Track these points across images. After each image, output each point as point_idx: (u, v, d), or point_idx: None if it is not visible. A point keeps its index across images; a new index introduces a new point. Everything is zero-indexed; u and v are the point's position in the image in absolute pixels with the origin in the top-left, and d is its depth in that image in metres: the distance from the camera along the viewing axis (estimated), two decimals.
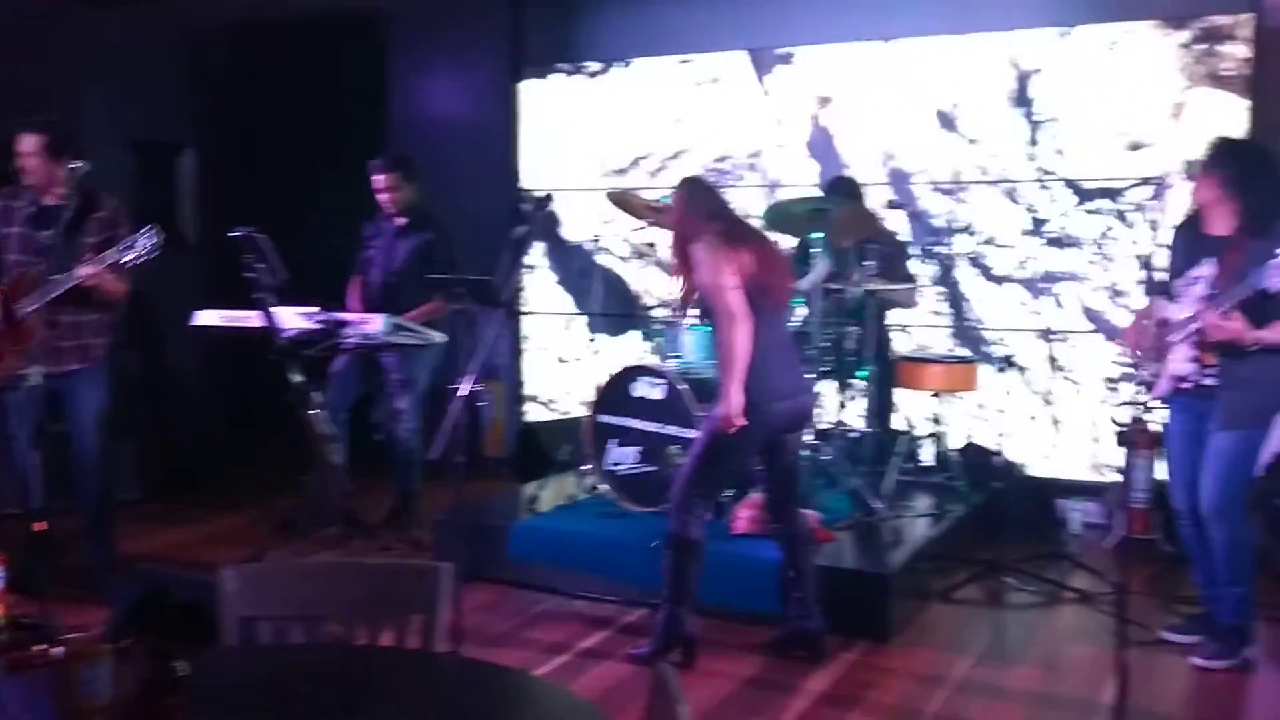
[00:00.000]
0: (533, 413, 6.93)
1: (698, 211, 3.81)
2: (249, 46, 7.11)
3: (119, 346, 5.33)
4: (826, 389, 5.23)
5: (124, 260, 4.10)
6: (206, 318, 4.91)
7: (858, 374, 5.06)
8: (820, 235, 4.77)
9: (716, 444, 3.71)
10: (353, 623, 2.26)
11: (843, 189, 5.32)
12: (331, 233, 5.71)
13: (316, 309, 4.75)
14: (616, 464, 4.89)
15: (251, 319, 4.65)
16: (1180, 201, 3.91)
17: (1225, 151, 3.72)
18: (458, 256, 5.19)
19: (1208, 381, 3.70)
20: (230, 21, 7.04)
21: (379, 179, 5.22)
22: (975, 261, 5.48)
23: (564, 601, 4.44)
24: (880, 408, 5.32)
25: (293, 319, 4.71)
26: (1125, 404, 5.15)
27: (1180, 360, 3.70)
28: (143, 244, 4.09)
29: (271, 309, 4.55)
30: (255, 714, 1.84)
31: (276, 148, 7.11)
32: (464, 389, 3.38)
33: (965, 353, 5.69)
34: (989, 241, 5.74)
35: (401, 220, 5.29)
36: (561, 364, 6.87)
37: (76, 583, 4.41)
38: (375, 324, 4.70)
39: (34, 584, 3.88)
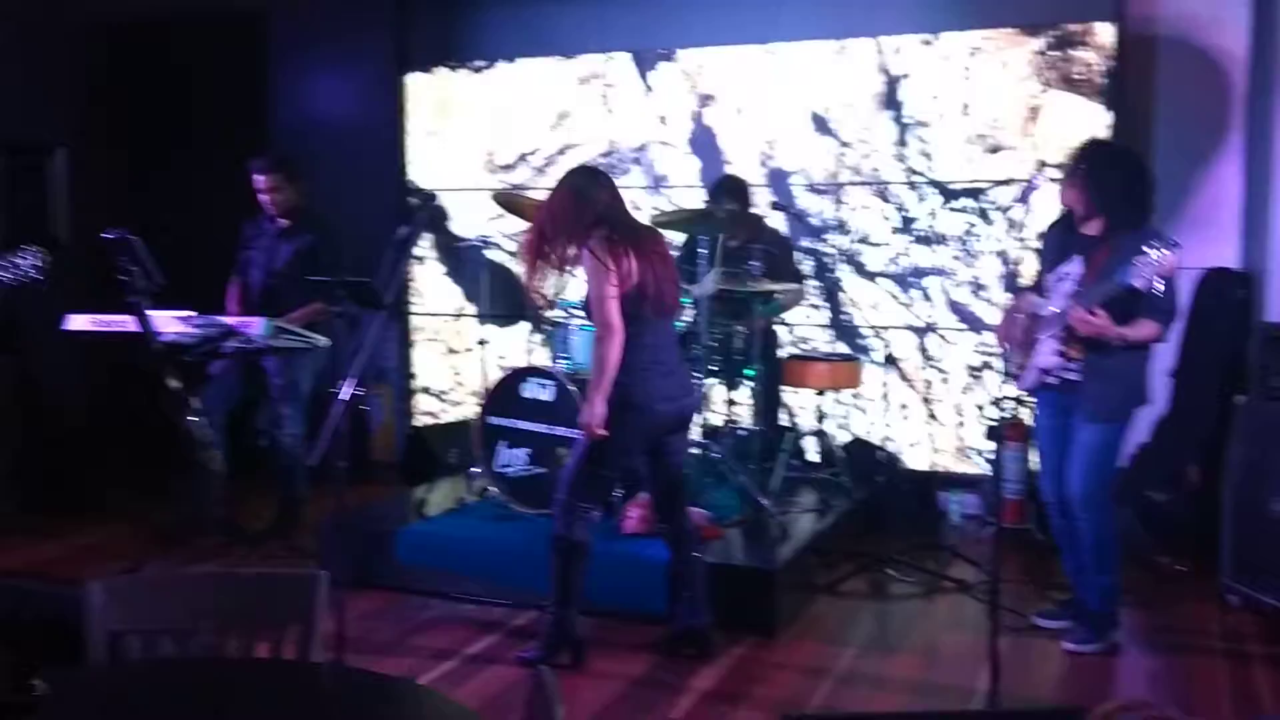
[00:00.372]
0: (426, 408, 6.85)
1: (583, 214, 3.73)
2: (125, 44, 6.89)
3: None
4: (715, 388, 5.30)
5: (4, 280, 3.93)
6: (78, 323, 4.74)
7: (745, 373, 5.13)
8: (706, 238, 4.84)
9: (597, 446, 3.73)
10: (226, 635, 2.21)
11: (730, 187, 5.38)
12: (211, 234, 5.58)
13: (193, 312, 4.63)
14: (506, 466, 4.87)
15: (126, 323, 4.51)
16: (1047, 201, 4.07)
17: (1092, 154, 3.88)
18: (343, 257, 5.11)
19: (1072, 376, 3.85)
20: (105, 19, 6.82)
21: (259, 180, 5.11)
22: (851, 260, 5.60)
23: (453, 606, 4.41)
24: (768, 406, 5.41)
25: (168, 323, 4.58)
26: (995, 397, 5.33)
27: (1047, 354, 3.84)
28: (24, 265, 3.93)
29: (146, 313, 4.42)
30: None
31: (153, 147, 6.91)
32: (345, 392, 3.33)
33: (848, 350, 5.82)
34: (863, 240, 5.87)
35: (283, 221, 5.19)
36: (451, 354, 6.81)
37: None
38: (255, 327, 4.60)
39: None
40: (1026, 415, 4.65)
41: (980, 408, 5.60)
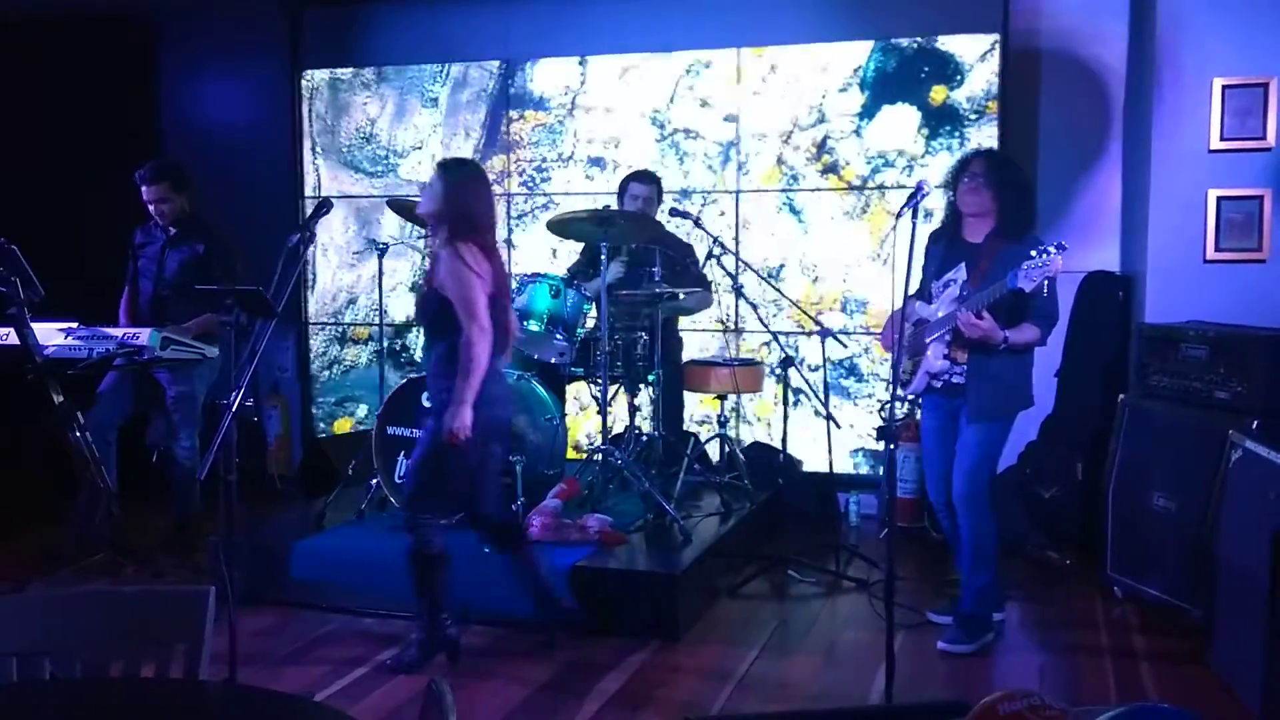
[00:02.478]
0: (329, 421, 6.74)
1: (464, 209, 3.73)
2: (13, 45, 6.64)
3: None
4: (618, 393, 5.32)
5: None
6: None
7: (648, 378, 5.16)
8: (605, 243, 4.85)
9: (440, 454, 3.72)
10: (110, 655, 2.15)
11: (646, 179, 5.41)
12: (99, 243, 5.41)
13: (75, 324, 4.49)
14: (405, 477, 4.81)
15: (7, 336, 4.35)
16: (934, 208, 4.17)
17: (996, 163, 3.98)
18: (236, 265, 5.00)
19: (958, 380, 3.96)
20: None
21: (145, 191, 4.98)
22: (751, 265, 5.67)
23: (352, 620, 4.35)
24: (670, 411, 5.44)
25: (51, 335, 4.43)
26: (885, 401, 5.45)
27: (934, 358, 3.94)
28: None
29: (28, 325, 4.26)
30: None
31: (36, 156, 6.67)
32: (234, 403, 3.26)
33: (750, 355, 5.90)
34: (764, 246, 5.97)
35: (173, 230, 5.06)
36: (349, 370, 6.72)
37: None
38: (143, 338, 4.48)
39: None
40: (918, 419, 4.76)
41: (878, 414, 5.71)
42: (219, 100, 6.74)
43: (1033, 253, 3.62)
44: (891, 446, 3.40)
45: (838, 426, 5.27)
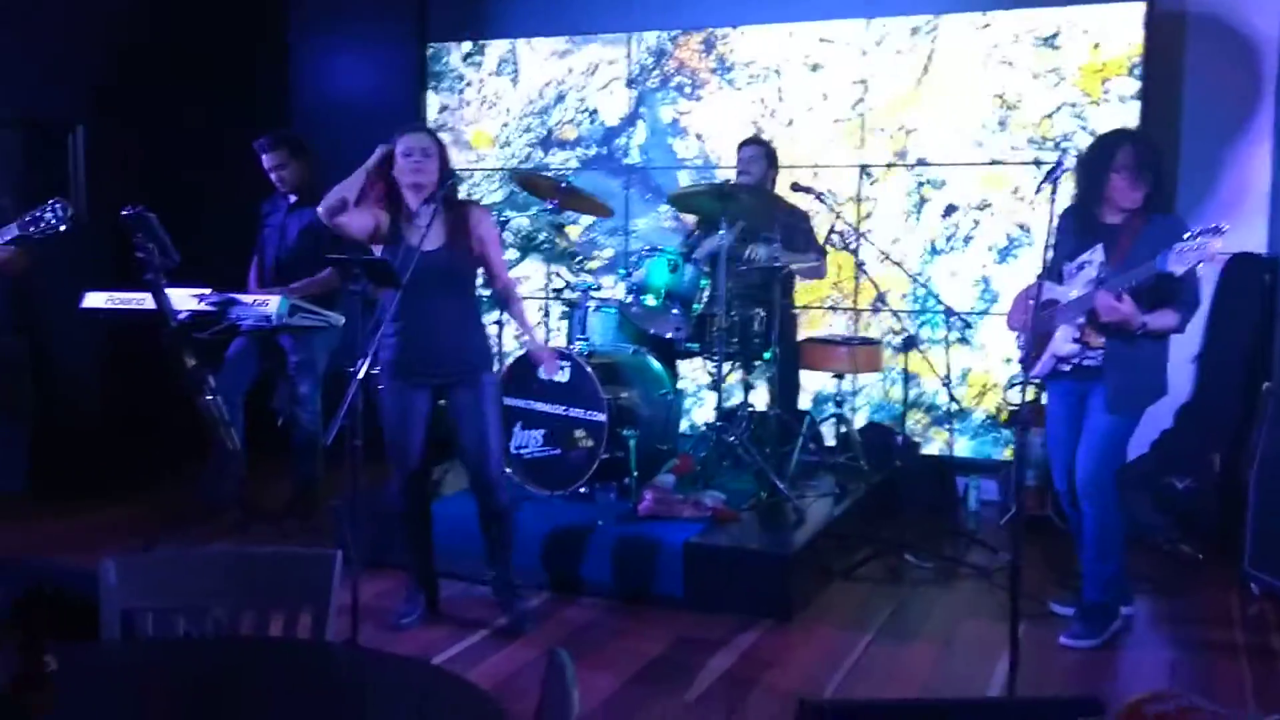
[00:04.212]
0: None
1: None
2: (145, 20, 6.86)
3: (4, 331, 5.14)
4: (733, 370, 5.27)
5: (32, 234, 3.94)
6: (95, 300, 4.74)
7: (764, 355, 5.09)
8: (725, 217, 4.80)
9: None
10: (240, 613, 2.20)
11: (754, 143, 5.34)
12: (232, 211, 5.56)
13: (209, 290, 4.62)
14: (522, 447, 4.86)
15: (143, 301, 4.51)
16: (1068, 185, 3.99)
17: (1147, 150, 3.78)
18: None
19: (1089, 363, 3.80)
20: None
21: (265, 158, 5.11)
22: (877, 242, 5.55)
23: (467, 587, 4.40)
24: (785, 389, 5.37)
25: (185, 301, 4.57)
26: (1015, 383, 5.28)
27: (1064, 341, 3.79)
28: (50, 217, 3.94)
29: (164, 291, 4.41)
30: (131, 711, 1.78)
31: (170, 124, 6.89)
32: (361, 371, 3.31)
33: (870, 334, 5.78)
34: (893, 223, 5.83)
35: (293, 198, 5.18)
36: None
37: None
38: (272, 305, 4.59)
39: None
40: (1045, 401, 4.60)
41: (1005, 398, 5.54)
42: (346, 70, 6.86)
43: (1186, 235, 3.43)
44: (1023, 430, 3.28)
45: (959, 407, 5.14)
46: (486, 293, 4.30)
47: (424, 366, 3.85)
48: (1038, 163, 5.47)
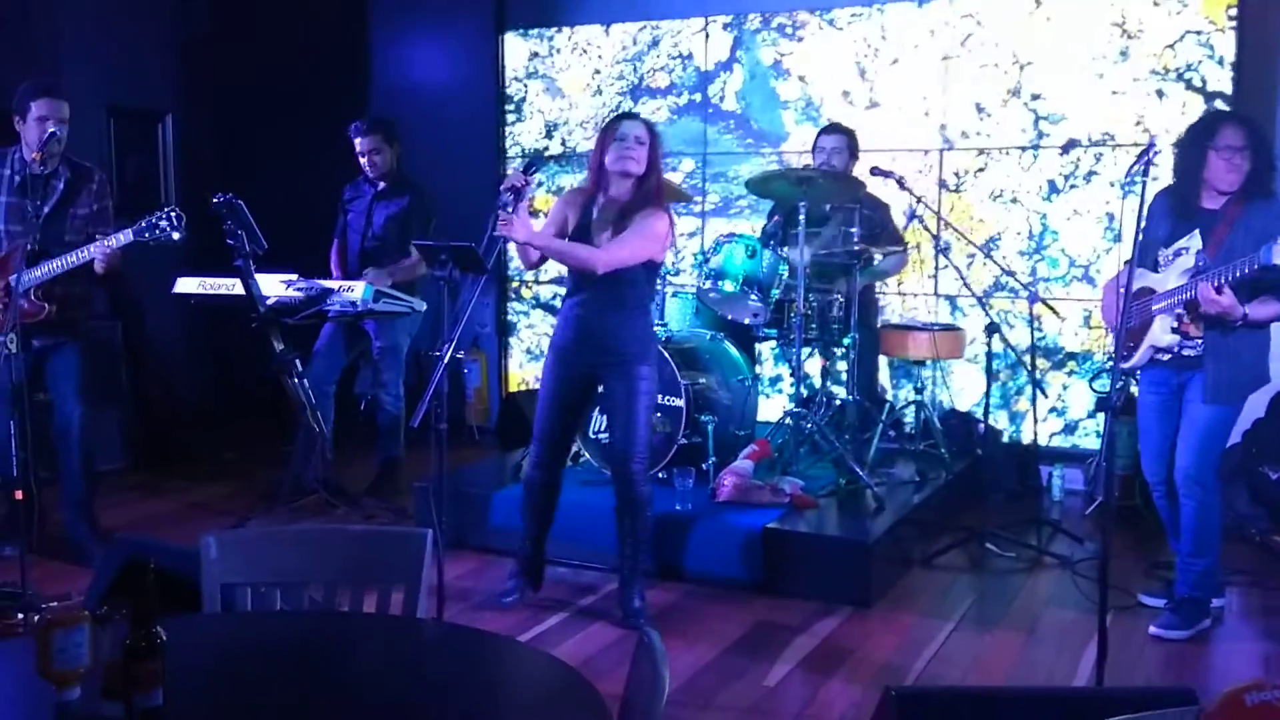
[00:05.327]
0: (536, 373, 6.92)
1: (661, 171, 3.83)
2: (230, 10, 7.01)
3: (100, 316, 5.30)
4: (811, 356, 5.24)
5: (147, 240, 4.06)
6: (187, 286, 4.87)
7: (843, 341, 5.06)
8: (804, 203, 4.76)
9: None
10: (335, 589, 2.26)
11: (837, 131, 5.29)
12: (314, 198, 5.67)
13: (296, 276, 4.72)
14: (600, 431, 4.88)
15: (233, 286, 4.62)
16: (1163, 169, 3.89)
17: (1251, 132, 3.65)
18: (436, 221, 5.16)
19: (1188, 352, 3.71)
20: None
21: (359, 142, 5.18)
22: (958, 227, 5.46)
23: (547, 569, 4.44)
24: (864, 375, 5.32)
25: (274, 286, 4.68)
26: (1105, 371, 5.18)
27: (1162, 331, 3.70)
28: (165, 225, 4.05)
29: (253, 276, 4.52)
30: (235, 680, 1.84)
31: (255, 112, 7.03)
32: (446, 356, 3.36)
33: (951, 320, 5.70)
34: (975, 205, 5.74)
35: (380, 184, 5.25)
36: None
37: (58, 551, 4.41)
38: (358, 291, 4.68)
39: (15, 552, 3.87)
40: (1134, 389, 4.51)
41: (1093, 385, 5.44)
42: (426, 59, 6.93)
43: None
44: (1112, 418, 3.21)
45: (1044, 395, 5.05)
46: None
47: (578, 349, 3.86)
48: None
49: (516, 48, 6.66)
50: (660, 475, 4.76)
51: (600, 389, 3.95)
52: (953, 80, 5.69)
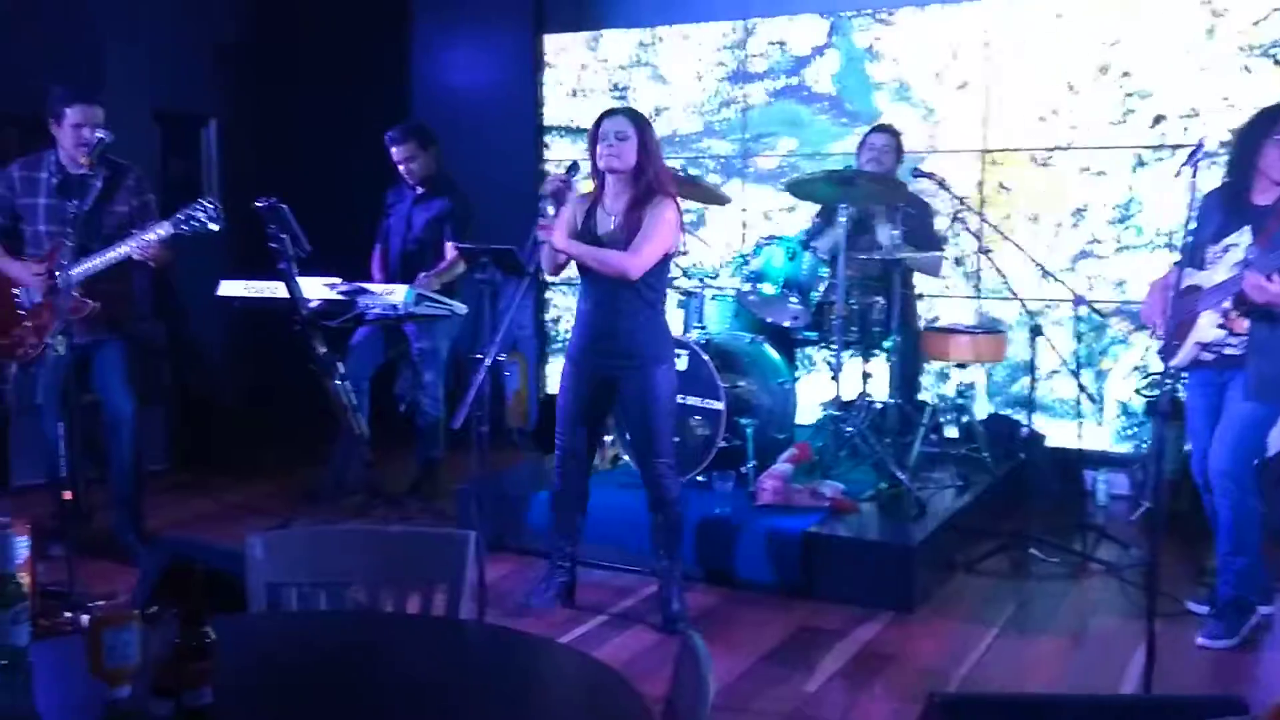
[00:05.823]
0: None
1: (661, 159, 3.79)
2: (271, 16, 7.08)
3: (145, 317, 5.36)
4: (851, 359, 5.20)
5: (185, 231, 4.11)
6: (231, 288, 4.92)
7: (883, 344, 5.02)
8: (845, 205, 4.74)
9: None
10: (378, 590, 2.26)
11: (885, 131, 5.25)
12: (356, 201, 5.71)
13: (339, 279, 4.75)
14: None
15: (275, 289, 4.66)
16: (1213, 168, 3.83)
17: None
18: (475, 224, 5.18)
19: (1231, 350, 3.65)
20: None
21: (394, 151, 5.21)
22: (1000, 229, 5.41)
23: (585, 572, 4.43)
24: (905, 379, 5.28)
25: (316, 289, 4.71)
26: (1152, 374, 5.10)
27: (1209, 327, 3.64)
28: (202, 215, 4.10)
29: (295, 279, 4.56)
30: (282, 679, 1.84)
31: (299, 117, 7.10)
32: (489, 358, 3.37)
33: (993, 323, 5.64)
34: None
35: (420, 189, 5.28)
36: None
37: (105, 551, 4.46)
38: (399, 295, 4.70)
39: (63, 552, 3.93)
40: (1183, 392, 4.44)
41: (1139, 390, 5.36)
42: (466, 63, 6.96)
43: None
44: (1161, 421, 3.16)
45: (1091, 400, 4.99)
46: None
47: (594, 352, 3.83)
48: (1247, 69, 5.24)
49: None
50: (700, 478, 4.75)
51: (618, 392, 3.89)
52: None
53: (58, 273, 4.01)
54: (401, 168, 5.23)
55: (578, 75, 6.74)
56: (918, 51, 5.88)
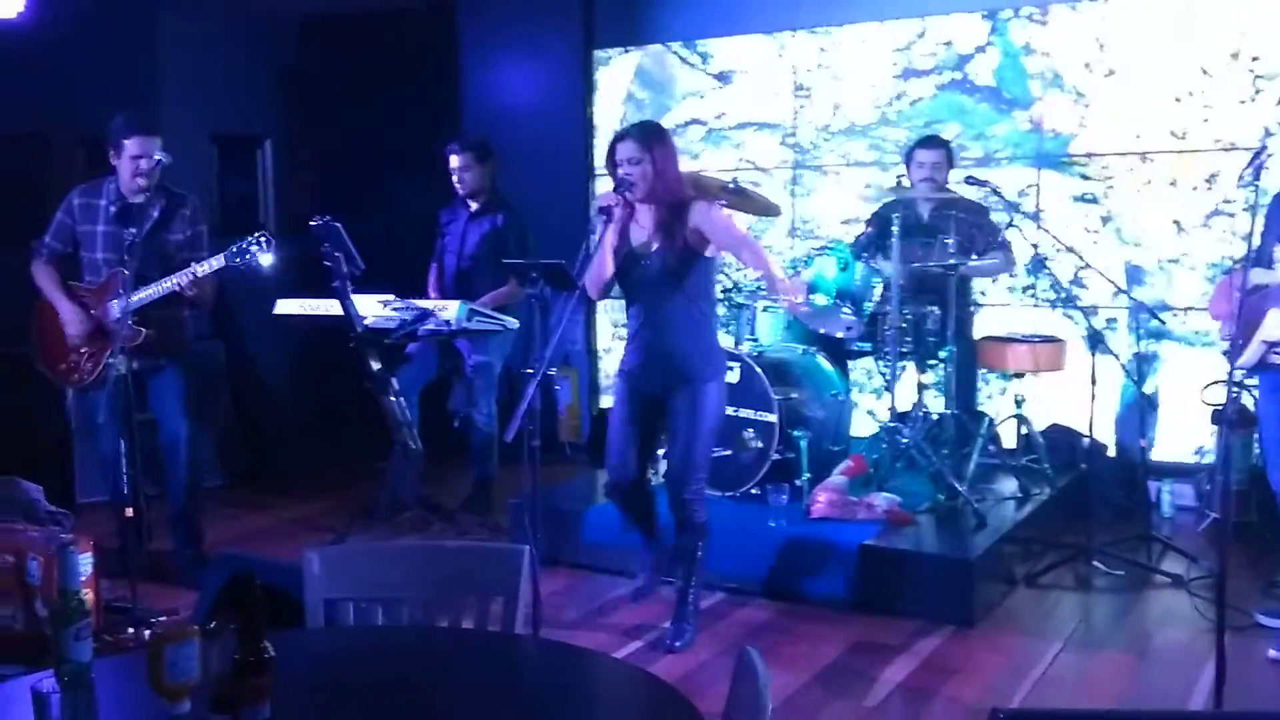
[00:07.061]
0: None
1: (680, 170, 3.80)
2: (325, 37, 7.19)
3: (204, 336, 5.45)
4: (906, 370, 5.14)
5: (238, 265, 4.15)
6: (287, 306, 4.98)
7: (939, 354, 4.96)
8: (897, 215, 4.69)
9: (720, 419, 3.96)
10: (434, 605, 2.27)
11: (933, 145, 5.18)
12: (409, 220, 5.76)
13: (393, 297, 4.79)
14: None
15: (331, 307, 4.70)
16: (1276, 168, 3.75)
17: None
18: (531, 240, 5.20)
19: None
20: (307, 12, 7.13)
21: (454, 160, 5.25)
22: (1053, 233, 5.33)
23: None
24: (962, 389, 5.20)
25: (371, 307, 4.76)
26: (1219, 381, 4.98)
27: (1276, 325, 3.55)
28: (255, 250, 4.14)
29: (350, 297, 4.60)
30: (339, 694, 1.85)
31: (353, 137, 7.19)
32: (540, 372, 3.37)
33: (1052, 331, 5.54)
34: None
35: (474, 205, 5.31)
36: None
37: (165, 567, 4.52)
38: (452, 311, 4.73)
39: (125, 569, 3.99)
40: (1249, 401, 4.33)
41: (1204, 398, 5.24)
42: (516, 80, 7.00)
43: None
44: (1227, 430, 3.09)
45: (1153, 408, 4.88)
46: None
47: (643, 371, 3.82)
48: None
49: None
50: (754, 491, 4.72)
51: (669, 408, 3.85)
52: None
53: (114, 302, 4.07)
54: (454, 177, 5.27)
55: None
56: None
